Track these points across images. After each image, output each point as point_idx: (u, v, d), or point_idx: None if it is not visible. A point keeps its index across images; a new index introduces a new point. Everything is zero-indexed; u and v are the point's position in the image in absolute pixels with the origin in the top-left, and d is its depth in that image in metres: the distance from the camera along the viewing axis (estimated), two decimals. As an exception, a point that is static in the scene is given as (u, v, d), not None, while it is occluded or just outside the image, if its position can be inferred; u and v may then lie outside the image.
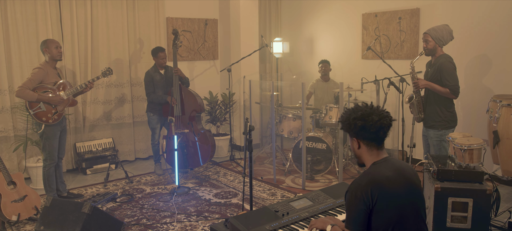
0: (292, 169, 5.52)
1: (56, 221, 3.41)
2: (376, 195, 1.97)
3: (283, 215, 2.49)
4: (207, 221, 4.06)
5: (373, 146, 2.12)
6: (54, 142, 4.41)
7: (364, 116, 2.08)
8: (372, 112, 2.09)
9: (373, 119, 2.06)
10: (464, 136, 3.34)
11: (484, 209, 3.05)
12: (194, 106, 5.32)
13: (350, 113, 2.14)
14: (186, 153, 5.31)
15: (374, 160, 2.13)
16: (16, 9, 5.09)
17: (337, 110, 5.26)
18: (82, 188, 5.04)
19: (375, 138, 2.10)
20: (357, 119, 2.09)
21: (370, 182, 2.01)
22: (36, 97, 4.20)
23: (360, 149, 2.15)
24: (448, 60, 3.93)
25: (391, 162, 2.11)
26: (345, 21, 6.48)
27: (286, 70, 7.55)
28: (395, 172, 2.05)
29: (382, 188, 1.98)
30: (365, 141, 2.13)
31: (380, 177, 2.02)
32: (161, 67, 5.39)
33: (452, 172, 3.14)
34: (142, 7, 6.05)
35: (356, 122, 2.09)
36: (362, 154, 2.17)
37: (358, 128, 2.09)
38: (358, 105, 2.18)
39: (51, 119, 4.31)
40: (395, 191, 2.00)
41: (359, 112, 2.10)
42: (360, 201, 1.99)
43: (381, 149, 2.14)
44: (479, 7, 4.94)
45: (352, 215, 2.04)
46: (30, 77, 4.21)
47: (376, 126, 2.07)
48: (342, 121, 2.19)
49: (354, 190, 2.03)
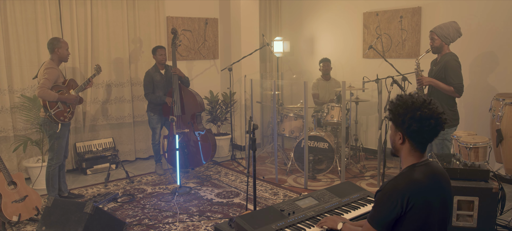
0: (293, 168, 5.50)
1: (58, 221, 3.38)
2: (412, 203, 1.85)
3: (289, 214, 2.46)
4: (209, 221, 4.03)
5: (418, 149, 1.96)
6: (63, 141, 4.41)
7: (423, 120, 1.86)
8: (431, 115, 1.87)
9: (431, 124, 1.87)
10: (469, 134, 3.33)
11: (490, 208, 3.04)
12: (194, 105, 5.29)
13: (405, 109, 1.90)
14: (187, 152, 5.29)
15: (415, 161, 1.96)
16: (15, 9, 5.05)
17: (339, 109, 5.25)
18: (82, 188, 5.00)
19: (424, 142, 1.95)
20: (414, 119, 1.87)
21: (408, 187, 1.87)
22: (57, 97, 4.21)
23: (403, 144, 1.97)
24: (453, 58, 3.92)
25: (430, 167, 1.96)
26: (346, 20, 6.46)
27: (287, 69, 7.53)
28: (432, 179, 1.92)
29: (418, 196, 1.86)
30: (411, 141, 1.95)
31: (419, 184, 1.88)
32: (161, 67, 5.36)
33: (457, 171, 3.13)
34: (142, 7, 6.02)
35: (411, 123, 1.88)
36: (403, 150, 1.99)
37: (412, 130, 1.90)
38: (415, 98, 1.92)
39: (67, 118, 4.37)
40: (430, 199, 1.89)
41: (418, 113, 1.87)
42: (393, 204, 1.87)
43: (423, 152, 1.98)
44: (480, 6, 4.93)
45: (380, 215, 1.93)
46: (47, 77, 4.17)
47: (431, 133, 1.90)
48: (394, 112, 1.95)
49: (389, 191, 1.90)
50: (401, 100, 1.94)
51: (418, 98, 1.91)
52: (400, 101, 1.94)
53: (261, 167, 5.82)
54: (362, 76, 5.56)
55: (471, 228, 3.08)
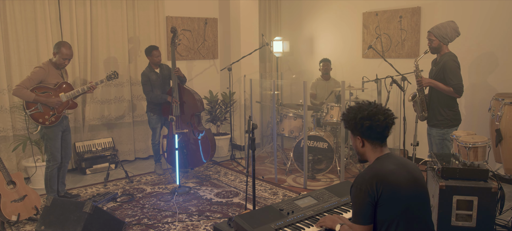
0: (293, 168, 5.50)
1: (57, 221, 3.37)
2: (381, 188, 1.99)
3: (288, 214, 2.47)
4: (208, 220, 4.03)
5: (377, 143, 2.14)
6: (56, 142, 4.33)
7: (371, 116, 2.08)
8: (378, 111, 2.09)
9: (380, 119, 2.07)
10: (468, 134, 3.33)
11: (489, 207, 3.04)
12: (194, 105, 5.29)
13: (355, 112, 2.13)
14: (186, 152, 5.28)
15: (378, 155, 2.14)
16: (14, 9, 5.05)
17: (338, 109, 5.25)
18: (82, 188, 5.00)
19: (380, 136, 2.12)
20: (364, 118, 2.09)
21: (374, 175, 2.03)
22: (33, 97, 4.08)
23: (364, 147, 2.17)
24: (452, 59, 3.91)
25: (394, 157, 2.14)
26: (346, 20, 6.46)
27: (286, 69, 7.53)
28: (398, 166, 2.07)
29: (386, 181, 2.00)
30: (370, 140, 2.14)
31: (384, 171, 2.04)
32: (156, 66, 5.35)
33: (456, 170, 3.12)
34: (142, 7, 6.02)
35: (363, 122, 2.09)
36: (366, 152, 2.18)
37: (365, 128, 2.10)
38: (361, 103, 2.18)
39: (48, 121, 4.20)
40: (399, 184, 2.01)
41: (366, 112, 2.09)
42: (365, 195, 2.01)
43: (384, 146, 2.16)
44: (480, 6, 4.93)
45: (358, 209, 2.06)
46: (29, 76, 4.12)
47: (383, 126, 2.08)
48: (346, 119, 2.18)
49: (359, 184, 2.05)
50: (350, 108, 2.19)
51: (364, 102, 2.18)
52: (349, 109, 2.19)
53: (261, 166, 5.82)
54: (362, 76, 5.56)
55: (470, 227, 3.07)
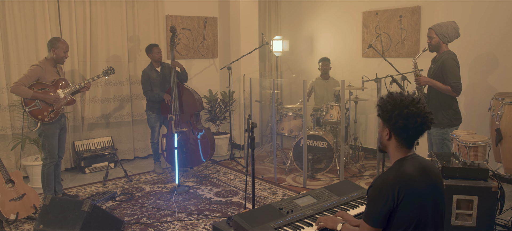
0: (292, 167, 5.49)
1: (55, 220, 3.36)
2: (403, 194, 1.88)
3: (288, 213, 2.46)
4: (208, 219, 4.02)
5: (404, 144, 2.01)
6: (53, 140, 4.33)
7: (409, 117, 1.92)
8: (418, 113, 1.93)
9: (417, 122, 1.92)
10: (468, 133, 3.32)
11: (489, 207, 3.03)
12: (193, 104, 5.28)
13: (394, 106, 1.96)
14: (186, 151, 5.27)
15: (401, 156, 2.01)
16: (14, 7, 5.03)
17: (338, 109, 5.24)
18: (80, 187, 4.98)
19: (409, 139, 1.99)
20: (400, 116, 1.93)
21: (397, 180, 1.91)
22: (31, 94, 4.08)
23: (389, 140, 2.03)
24: (451, 57, 3.90)
25: (418, 160, 2.01)
26: (346, 20, 6.45)
27: (286, 68, 7.52)
28: (421, 171, 1.95)
29: (408, 188, 1.89)
30: (398, 138, 2.00)
31: (407, 176, 1.92)
32: (157, 64, 5.34)
33: (456, 170, 3.11)
34: (141, 5, 6.00)
35: (397, 120, 1.94)
36: (390, 146, 2.05)
37: (398, 127, 1.96)
38: (404, 97, 1.98)
39: (47, 117, 4.20)
40: (420, 191, 1.92)
41: (405, 110, 1.93)
42: (384, 198, 1.90)
43: (410, 148, 2.02)
44: (480, 6, 4.92)
45: (373, 210, 1.96)
46: (26, 74, 4.12)
47: (417, 130, 1.95)
48: (382, 109, 2.01)
49: (379, 186, 1.94)
50: (391, 97, 2.00)
51: (407, 97, 1.98)
52: (389, 98, 2.00)
53: (260, 166, 5.81)
54: (362, 75, 5.55)
55: (470, 227, 3.07)
